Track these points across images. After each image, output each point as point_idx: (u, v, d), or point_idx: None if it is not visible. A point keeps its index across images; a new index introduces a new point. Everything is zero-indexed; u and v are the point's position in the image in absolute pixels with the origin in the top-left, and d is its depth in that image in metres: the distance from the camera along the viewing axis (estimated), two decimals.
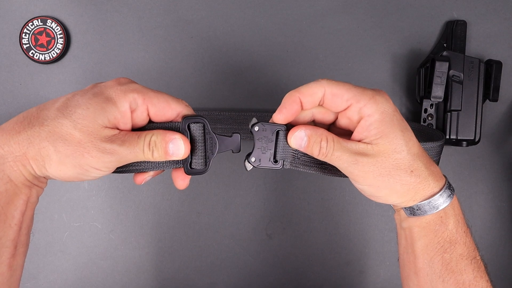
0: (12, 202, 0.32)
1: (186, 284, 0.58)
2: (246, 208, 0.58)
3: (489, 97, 0.54)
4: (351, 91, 0.34)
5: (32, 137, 0.31)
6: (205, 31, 0.56)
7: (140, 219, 0.57)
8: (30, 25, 0.54)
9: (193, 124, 0.35)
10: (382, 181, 0.34)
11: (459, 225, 0.36)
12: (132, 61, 0.56)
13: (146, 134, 0.34)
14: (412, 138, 0.35)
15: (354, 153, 0.34)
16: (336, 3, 0.57)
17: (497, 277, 0.59)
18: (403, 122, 0.35)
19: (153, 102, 0.34)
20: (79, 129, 0.31)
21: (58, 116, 0.31)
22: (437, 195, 0.35)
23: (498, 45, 0.58)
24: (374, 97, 0.34)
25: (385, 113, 0.33)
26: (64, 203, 0.56)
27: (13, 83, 0.55)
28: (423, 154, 0.35)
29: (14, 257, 0.33)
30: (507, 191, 0.59)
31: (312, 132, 0.35)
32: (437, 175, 0.35)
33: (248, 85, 0.57)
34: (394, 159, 0.34)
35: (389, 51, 0.58)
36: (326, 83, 0.34)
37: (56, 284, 0.57)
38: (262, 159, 0.37)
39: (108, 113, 0.32)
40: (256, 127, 0.36)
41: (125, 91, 0.33)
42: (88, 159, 0.31)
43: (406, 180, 0.34)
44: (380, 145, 0.33)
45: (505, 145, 0.59)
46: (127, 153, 0.33)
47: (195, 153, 0.36)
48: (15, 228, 0.33)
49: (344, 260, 0.59)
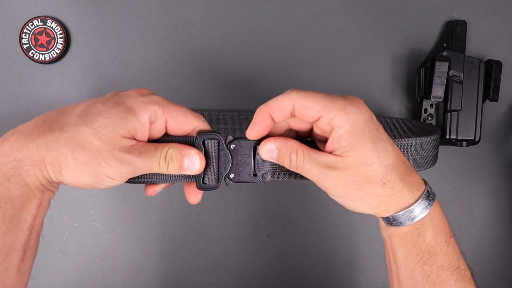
0: (26, 207, 0.32)
1: (186, 284, 0.58)
2: (246, 208, 0.58)
3: (489, 97, 0.54)
4: (320, 102, 0.33)
5: (51, 142, 0.31)
6: (205, 31, 0.56)
7: (140, 219, 0.57)
8: (30, 25, 0.54)
9: (208, 140, 0.36)
10: (353, 193, 0.34)
11: (439, 235, 0.35)
12: (132, 61, 0.56)
13: (163, 147, 0.33)
14: (386, 148, 0.33)
15: (323, 166, 0.33)
16: (336, 3, 0.57)
17: (497, 277, 0.59)
18: (377, 131, 0.33)
19: (172, 115, 0.34)
20: (99, 137, 0.31)
21: (79, 122, 0.31)
22: (412, 207, 0.34)
23: (498, 45, 0.58)
24: (345, 108, 0.32)
25: (355, 124, 0.32)
26: (64, 203, 0.56)
27: (13, 83, 0.55)
28: (399, 164, 0.34)
29: (23, 261, 0.33)
30: (507, 191, 0.59)
31: (282, 144, 0.35)
32: (413, 185, 0.34)
33: (248, 85, 0.57)
34: (364, 172, 0.33)
35: (389, 51, 0.58)
36: (295, 96, 0.33)
37: (56, 284, 0.57)
38: (241, 174, 0.37)
39: (128, 124, 0.32)
40: (232, 145, 0.36)
41: (146, 102, 0.33)
42: (105, 168, 0.31)
43: (378, 193, 0.33)
44: (349, 158, 0.33)
45: (505, 145, 0.59)
46: (143, 164, 0.33)
47: (209, 169, 0.36)
48: (27, 232, 0.32)
49: (344, 260, 0.59)
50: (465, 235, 0.59)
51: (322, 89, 0.57)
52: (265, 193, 0.58)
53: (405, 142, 0.42)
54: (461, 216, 0.59)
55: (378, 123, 0.34)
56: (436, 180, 0.58)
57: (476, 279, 0.36)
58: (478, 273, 0.58)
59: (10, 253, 0.32)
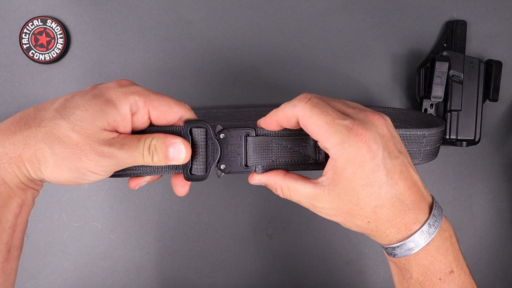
0: (6, 205, 0.31)
1: (186, 284, 0.58)
2: (246, 208, 0.58)
3: (489, 97, 0.54)
4: (320, 128, 0.31)
5: (28, 138, 0.30)
6: (205, 31, 0.56)
7: (140, 219, 0.57)
8: (30, 25, 0.54)
9: (195, 129, 0.35)
10: (341, 221, 0.34)
11: (428, 273, 0.34)
12: (132, 61, 0.56)
13: (146, 138, 0.33)
14: (378, 191, 0.31)
15: (311, 199, 0.33)
16: (336, 3, 0.57)
17: (497, 277, 0.59)
18: (373, 174, 0.31)
19: (154, 105, 0.33)
20: (77, 131, 0.30)
21: (56, 117, 0.30)
22: (394, 245, 0.34)
23: (498, 45, 0.58)
24: (343, 144, 0.31)
25: (349, 162, 0.31)
26: (64, 203, 0.56)
27: (13, 83, 0.55)
28: (393, 204, 0.32)
29: (7, 261, 0.32)
30: (507, 191, 0.59)
31: (267, 181, 0.36)
32: (401, 227, 0.33)
33: (248, 85, 0.57)
34: (349, 208, 0.33)
35: (389, 51, 0.58)
36: (300, 111, 0.32)
37: (56, 284, 0.57)
38: (232, 165, 0.36)
39: (108, 116, 0.31)
40: (222, 134, 0.35)
41: (126, 93, 0.32)
42: (85, 163, 0.30)
43: (362, 227, 0.34)
44: (336, 193, 0.32)
45: (505, 145, 0.59)
46: (126, 157, 0.32)
47: (196, 159, 0.35)
48: (9, 231, 0.32)
49: (344, 260, 0.59)
50: (465, 235, 0.59)
51: (322, 89, 0.57)
52: (265, 193, 0.58)
53: (420, 133, 0.42)
54: (461, 216, 0.59)
55: (379, 163, 0.31)
56: (436, 180, 0.58)
57: (476, 279, 0.36)
58: (478, 273, 0.58)
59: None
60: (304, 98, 0.32)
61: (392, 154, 0.32)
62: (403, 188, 0.32)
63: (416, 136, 0.42)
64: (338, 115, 0.31)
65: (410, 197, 0.33)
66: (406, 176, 0.33)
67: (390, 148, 0.32)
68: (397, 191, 0.32)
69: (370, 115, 0.33)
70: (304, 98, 0.32)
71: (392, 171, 0.32)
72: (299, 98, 0.33)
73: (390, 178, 0.32)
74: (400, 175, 0.32)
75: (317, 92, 0.57)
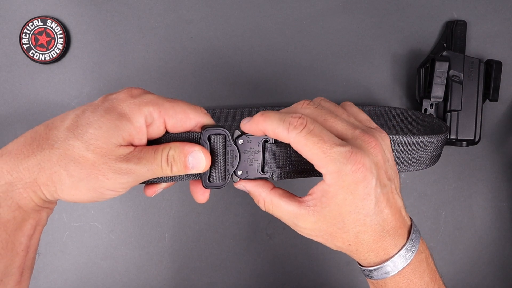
0: (20, 229, 0.30)
1: (186, 284, 0.58)
2: (246, 208, 0.58)
3: (489, 97, 0.54)
4: (317, 156, 0.30)
5: (43, 162, 0.29)
6: (205, 31, 0.56)
7: (140, 219, 0.57)
8: (30, 25, 0.54)
9: (213, 136, 0.33)
10: (322, 241, 0.34)
11: None
12: (132, 61, 0.56)
13: (164, 148, 0.31)
14: (364, 219, 0.32)
15: (293, 217, 0.33)
16: (336, 3, 0.57)
17: (497, 277, 0.59)
18: (362, 202, 0.31)
19: (169, 114, 0.31)
20: (92, 150, 0.29)
21: (69, 137, 0.29)
22: (371, 268, 0.34)
23: (498, 45, 0.58)
24: (340, 172, 0.30)
25: (343, 188, 0.31)
26: (64, 203, 0.56)
27: (13, 83, 0.55)
28: (374, 230, 0.33)
29: (20, 283, 0.31)
30: (507, 191, 0.59)
31: (252, 190, 0.36)
32: (380, 251, 0.33)
33: (248, 85, 0.57)
34: (332, 230, 0.33)
35: (389, 51, 0.58)
36: (294, 140, 0.31)
37: (56, 284, 0.57)
38: (249, 171, 0.35)
39: (123, 131, 0.29)
40: (241, 140, 0.34)
41: (139, 104, 0.30)
42: (103, 182, 0.29)
43: (343, 248, 0.34)
44: (321, 215, 0.32)
45: (505, 145, 0.59)
46: (144, 171, 0.30)
47: (215, 166, 0.34)
48: (22, 254, 0.31)
49: (344, 260, 0.59)
50: (465, 235, 0.59)
51: (322, 89, 0.57)
52: None
53: (429, 139, 0.42)
54: (461, 216, 0.59)
55: (370, 192, 0.31)
56: (436, 180, 0.58)
57: (476, 279, 0.36)
58: (478, 273, 0.58)
59: (4, 279, 0.30)
60: (299, 125, 0.31)
61: (382, 183, 0.32)
62: (387, 215, 0.33)
63: (426, 143, 0.42)
64: (335, 142, 0.31)
65: (392, 224, 0.33)
66: (392, 204, 0.33)
67: (381, 176, 0.32)
68: (381, 218, 0.33)
69: (368, 141, 0.32)
70: (299, 125, 0.31)
71: (380, 199, 0.32)
72: (293, 122, 0.31)
73: (377, 207, 0.32)
74: (387, 203, 0.33)
75: (317, 93, 0.57)
